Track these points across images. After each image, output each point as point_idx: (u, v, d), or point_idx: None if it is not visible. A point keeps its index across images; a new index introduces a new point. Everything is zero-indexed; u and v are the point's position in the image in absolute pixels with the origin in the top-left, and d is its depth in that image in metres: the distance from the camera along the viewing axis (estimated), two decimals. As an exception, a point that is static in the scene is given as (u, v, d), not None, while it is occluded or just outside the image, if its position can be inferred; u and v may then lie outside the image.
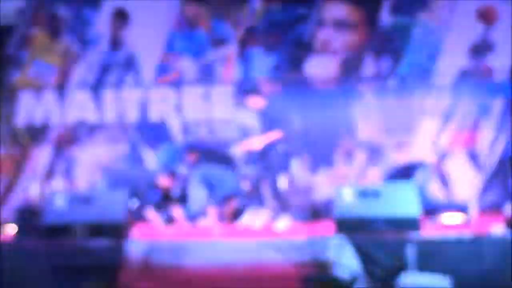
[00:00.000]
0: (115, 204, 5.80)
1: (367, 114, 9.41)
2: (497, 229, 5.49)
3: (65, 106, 9.73)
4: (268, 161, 7.63)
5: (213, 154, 8.59)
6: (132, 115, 9.63)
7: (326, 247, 5.09)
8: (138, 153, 9.46)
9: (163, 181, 7.70)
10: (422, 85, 9.40)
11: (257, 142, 7.03)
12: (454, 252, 5.12)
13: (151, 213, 7.11)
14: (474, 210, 7.10)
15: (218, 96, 9.59)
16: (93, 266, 5.13)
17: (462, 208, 7.08)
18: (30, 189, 9.25)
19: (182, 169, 8.14)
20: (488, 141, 9.21)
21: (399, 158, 9.22)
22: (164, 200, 7.65)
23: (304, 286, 4.56)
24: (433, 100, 9.36)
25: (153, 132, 9.60)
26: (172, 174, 8.07)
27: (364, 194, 5.64)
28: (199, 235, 6.51)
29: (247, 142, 7.01)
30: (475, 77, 9.30)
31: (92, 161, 9.40)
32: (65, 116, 9.72)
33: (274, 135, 7.10)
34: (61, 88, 9.78)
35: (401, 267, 4.83)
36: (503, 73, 9.18)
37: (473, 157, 9.24)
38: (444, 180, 9.23)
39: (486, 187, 9.09)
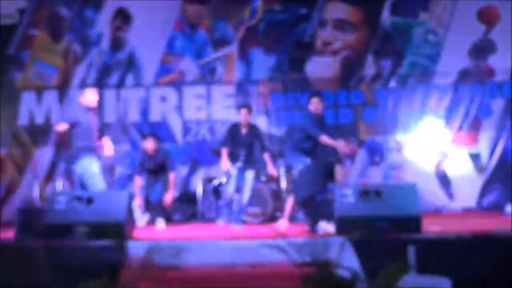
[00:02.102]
0: (115, 204, 5.81)
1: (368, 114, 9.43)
2: (498, 228, 5.49)
3: (66, 106, 9.74)
4: None
5: None
6: (133, 115, 9.65)
7: (327, 246, 5.08)
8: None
9: None
10: (423, 85, 9.41)
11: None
12: (455, 252, 5.12)
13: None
14: None
15: (219, 96, 9.61)
16: (94, 266, 5.14)
17: None
18: (32, 189, 9.25)
19: None
20: (489, 141, 9.22)
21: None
22: None
23: (304, 286, 4.56)
24: (434, 100, 9.36)
25: (153, 132, 9.61)
26: None
27: (365, 194, 5.64)
28: (199, 235, 6.51)
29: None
30: (475, 77, 9.31)
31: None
32: (66, 116, 9.72)
33: None
34: (62, 88, 9.79)
35: (402, 267, 4.82)
36: (503, 73, 9.19)
37: (474, 157, 9.25)
38: (444, 180, 9.23)
39: (487, 187, 9.10)
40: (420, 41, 9.47)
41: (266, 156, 7.58)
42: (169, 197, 7.76)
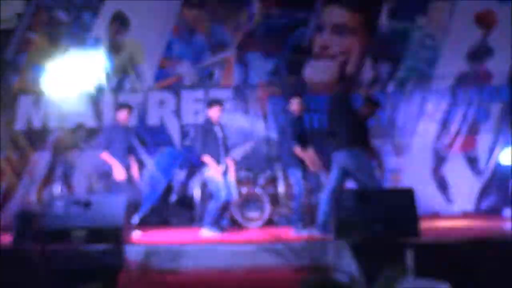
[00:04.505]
0: (113, 209, 5.80)
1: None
2: (496, 232, 5.49)
3: (63, 110, 9.72)
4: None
5: None
6: (131, 119, 9.62)
7: (325, 251, 5.08)
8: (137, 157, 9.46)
9: None
10: (421, 89, 9.42)
11: None
12: (453, 256, 5.11)
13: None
14: None
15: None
16: (91, 270, 5.14)
17: None
18: (29, 193, 9.23)
19: None
20: (487, 145, 9.22)
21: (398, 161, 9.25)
22: None
23: (303, 291, 4.55)
24: (432, 104, 9.37)
25: (151, 136, 9.61)
26: None
27: (363, 198, 5.63)
28: (196, 239, 6.51)
29: None
30: (473, 81, 9.32)
31: (91, 165, 9.37)
32: (63, 121, 9.71)
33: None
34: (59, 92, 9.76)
35: (400, 271, 4.81)
36: (501, 77, 9.20)
37: (472, 161, 9.25)
38: (443, 184, 9.23)
39: (485, 191, 9.09)
40: (418, 46, 9.48)
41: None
42: None
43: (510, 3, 9.09)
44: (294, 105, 7.13)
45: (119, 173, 7.19)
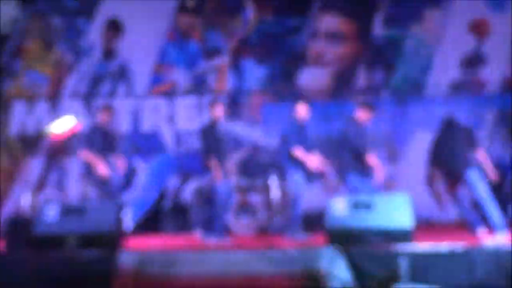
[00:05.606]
0: (106, 215, 5.79)
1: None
2: (489, 241, 5.50)
3: (57, 116, 9.70)
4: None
5: None
6: (125, 125, 9.62)
7: (319, 258, 5.08)
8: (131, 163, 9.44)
9: None
10: (415, 97, 9.44)
11: None
12: (446, 264, 5.12)
13: None
14: None
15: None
16: (85, 277, 5.12)
17: None
18: (22, 199, 9.20)
19: None
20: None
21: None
22: None
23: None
24: (426, 112, 9.39)
25: (145, 142, 9.60)
26: None
27: (357, 205, 5.64)
28: (190, 246, 6.50)
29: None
30: (467, 88, 9.34)
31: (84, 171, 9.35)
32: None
33: None
34: (53, 98, 9.76)
35: (394, 279, 4.82)
36: (495, 85, 9.24)
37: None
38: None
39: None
40: (412, 53, 9.51)
41: None
42: None
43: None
44: (300, 110, 7.06)
45: (102, 168, 7.07)
